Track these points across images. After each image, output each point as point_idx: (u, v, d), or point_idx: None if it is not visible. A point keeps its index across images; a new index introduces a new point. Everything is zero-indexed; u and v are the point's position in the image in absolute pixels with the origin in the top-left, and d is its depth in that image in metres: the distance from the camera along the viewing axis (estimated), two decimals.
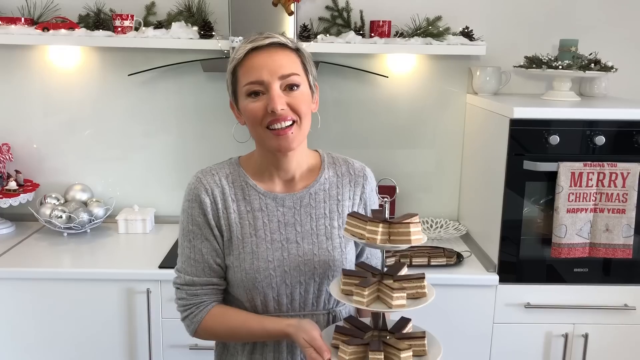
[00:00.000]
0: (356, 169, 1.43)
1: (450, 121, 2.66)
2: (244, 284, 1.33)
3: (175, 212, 2.66)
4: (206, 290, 1.36)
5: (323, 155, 1.44)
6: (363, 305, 1.19)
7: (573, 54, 2.32)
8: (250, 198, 1.35)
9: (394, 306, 1.19)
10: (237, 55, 1.29)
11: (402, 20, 2.48)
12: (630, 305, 2.19)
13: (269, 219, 1.34)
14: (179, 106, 2.62)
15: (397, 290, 1.19)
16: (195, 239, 1.35)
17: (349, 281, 1.25)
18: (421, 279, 1.25)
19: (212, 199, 1.33)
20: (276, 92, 1.25)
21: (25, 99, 2.59)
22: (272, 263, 1.32)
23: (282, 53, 1.28)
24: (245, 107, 1.29)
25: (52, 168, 2.65)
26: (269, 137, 1.28)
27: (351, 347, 1.19)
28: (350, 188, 1.41)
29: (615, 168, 2.07)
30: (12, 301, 2.15)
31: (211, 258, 1.35)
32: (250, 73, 1.27)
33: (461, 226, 2.59)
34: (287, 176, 1.37)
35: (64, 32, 2.36)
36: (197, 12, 2.46)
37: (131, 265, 2.20)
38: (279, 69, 1.26)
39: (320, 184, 1.39)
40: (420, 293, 1.25)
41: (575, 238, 2.10)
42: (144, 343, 2.18)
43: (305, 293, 1.35)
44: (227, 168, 1.38)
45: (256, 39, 1.28)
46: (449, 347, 2.23)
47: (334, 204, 1.38)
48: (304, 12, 2.50)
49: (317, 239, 1.35)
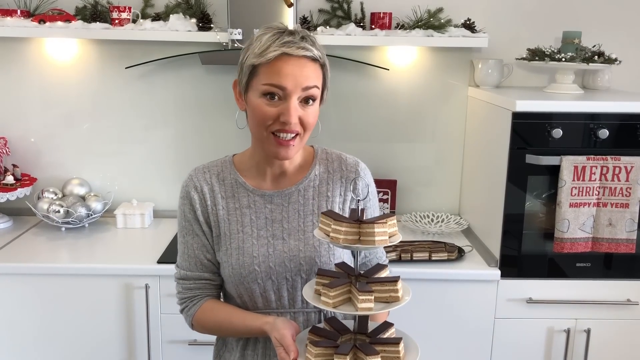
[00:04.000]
0: (349, 164, 1.41)
1: (451, 114, 2.63)
2: (232, 279, 1.34)
3: (174, 206, 2.62)
4: (199, 285, 1.38)
5: (317, 151, 1.42)
6: (329, 307, 1.17)
7: (576, 46, 2.30)
8: (239, 195, 1.36)
9: (359, 309, 1.16)
10: (267, 56, 1.22)
11: (403, 12, 2.46)
12: (633, 300, 2.17)
13: (256, 215, 1.35)
14: (178, 99, 2.59)
15: (363, 292, 1.15)
16: (187, 234, 1.38)
17: (321, 281, 1.22)
18: (394, 282, 1.20)
19: (201, 196, 1.36)
20: (294, 104, 1.24)
21: (22, 93, 2.57)
22: (257, 258, 1.32)
23: (311, 66, 1.26)
24: (257, 105, 1.26)
25: (49, 162, 2.63)
26: (270, 143, 1.27)
27: (318, 349, 1.16)
28: (342, 184, 1.39)
29: (619, 162, 2.04)
30: (10, 296, 2.14)
31: (201, 253, 1.37)
32: (275, 76, 1.23)
33: (462, 220, 2.57)
34: (279, 171, 1.37)
35: (60, 24, 2.33)
36: (195, 4, 2.44)
37: (129, 260, 2.18)
38: (304, 81, 1.24)
39: (310, 180, 1.38)
40: (394, 297, 1.20)
41: (578, 232, 2.08)
42: (143, 339, 2.17)
43: (292, 290, 1.34)
44: (220, 166, 1.40)
45: (290, 42, 1.23)
46: (450, 342, 2.24)
47: (323, 200, 1.37)
48: (303, 3, 2.48)
49: (303, 236, 1.34)
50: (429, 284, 2.13)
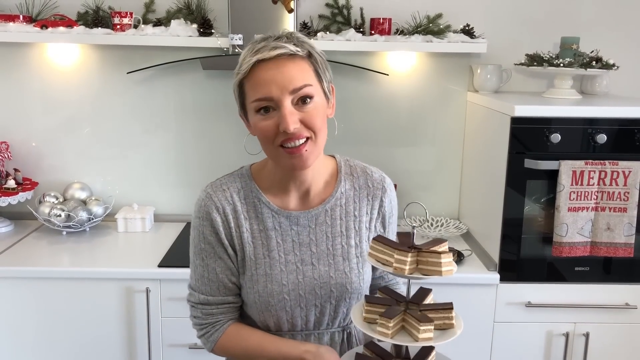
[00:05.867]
0: (375, 180, 1.35)
1: (450, 119, 2.65)
2: (257, 305, 1.28)
3: (175, 210, 2.70)
4: (222, 309, 1.32)
5: (340, 164, 1.35)
6: (387, 338, 1.12)
7: (574, 52, 2.31)
8: (263, 216, 1.28)
9: (420, 339, 1.13)
10: (242, 69, 1.18)
11: (402, 17, 2.48)
12: (631, 304, 2.18)
13: (282, 238, 1.28)
14: (178, 104, 2.61)
15: (424, 323, 1.12)
16: (208, 257, 1.29)
17: (373, 309, 1.17)
18: (449, 309, 1.18)
19: (223, 218, 1.27)
20: (287, 109, 1.15)
21: (24, 97, 2.58)
22: (286, 287, 1.27)
23: (291, 64, 1.17)
24: (256, 124, 1.21)
25: (51, 166, 2.65)
26: (282, 156, 1.20)
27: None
28: (368, 202, 1.34)
29: (617, 166, 2.06)
30: (11, 300, 2.15)
31: (226, 277, 1.30)
32: (257, 89, 1.17)
33: (462, 225, 2.58)
34: (303, 188, 1.30)
35: (62, 29, 2.35)
36: (196, 9, 2.46)
37: (130, 264, 2.19)
38: (289, 84, 1.15)
39: (337, 198, 1.31)
40: (448, 324, 1.17)
41: (576, 237, 2.09)
42: (144, 342, 2.17)
43: (320, 315, 1.30)
44: (238, 182, 1.31)
45: (262, 48, 1.16)
46: (450, 345, 2.24)
47: (350, 220, 1.32)
48: (303, 9, 2.50)
49: (333, 260, 1.29)
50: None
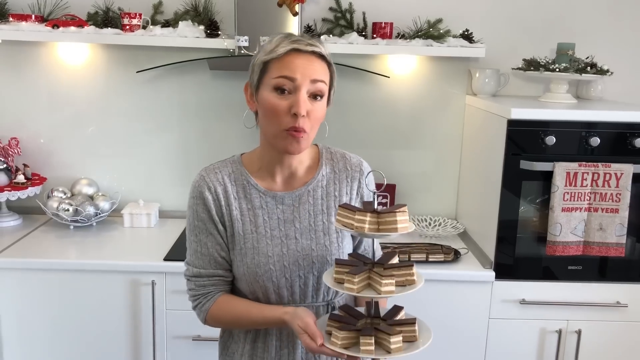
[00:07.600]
0: (353, 164, 1.48)
1: (449, 121, 2.70)
2: (246, 277, 1.39)
3: (180, 207, 2.75)
4: (213, 281, 1.42)
5: (321, 150, 1.48)
6: (353, 292, 1.23)
7: (570, 58, 2.37)
8: (251, 196, 1.40)
9: (382, 292, 1.23)
10: (278, 51, 1.30)
11: (403, 22, 2.53)
12: (622, 302, 2.23)
13: (269, 216, 1.40)
14: (185, 104, 2.66)
15: (385, 277, 1.23)
16: (200, 233, 1.41)
17: (341, 270, 1.28)
18: (410, 266, 1.29)
19: (215, 197, 1.39)
20: (303, 96, 1.29)
21: (34, 95, 2.64)
22: (272, 258, 1.38)
23: (318, 63, 1.32)
24: (268, 100, 1.31)
25: (59, 162, 2.70)
26: (281, 137, 1.31)
27: (343, 333, 1.23)
28: (347, 183, 1.45)
29: (610, 169, 2.11)
30: (20, 291, 2.20)
31: (216, 251, 1.41)
32: (285, 69, 1.29)
33: (459, 224, 2.63)
34: (288, 172, 1.42)
35: (73, 29, 2.40)
36: (203, 11, 2.51)
37: (136, 257, 2.24)
38: (313, 73, 1.29)
39: (318, 180, 1.43)
40: (409, 280, 1.29)
41: (569, 236, 2.15)
42: (149, 334, 2.22)
43: (304, 286, 1.40)
44: (229, 166, 1.43)
45: (299, 41, 1.31)
46: (445, 341, 2.29)
47: (331, 200, 1.43)
48: (308, 13, 2.55)
49: (315, 235, 1.40)
50: (425, 284, 2.12)
